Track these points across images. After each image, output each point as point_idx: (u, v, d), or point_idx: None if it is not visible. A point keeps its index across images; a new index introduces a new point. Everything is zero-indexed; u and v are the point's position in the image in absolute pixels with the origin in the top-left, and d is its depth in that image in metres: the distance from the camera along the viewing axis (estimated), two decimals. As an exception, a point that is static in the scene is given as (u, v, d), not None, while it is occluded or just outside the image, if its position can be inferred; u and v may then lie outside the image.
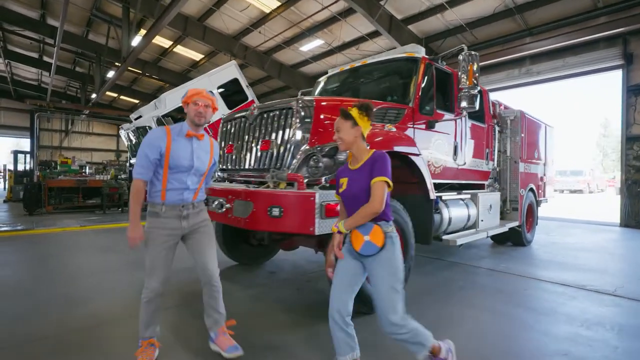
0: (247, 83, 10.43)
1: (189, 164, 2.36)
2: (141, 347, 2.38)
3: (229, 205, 3.06)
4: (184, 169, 2.35)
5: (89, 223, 8.77)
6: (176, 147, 2.33)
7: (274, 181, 3.04)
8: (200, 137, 2.46)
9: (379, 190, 1.90)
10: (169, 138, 2.33)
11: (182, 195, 2.38)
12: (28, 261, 5.22)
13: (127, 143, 10.36)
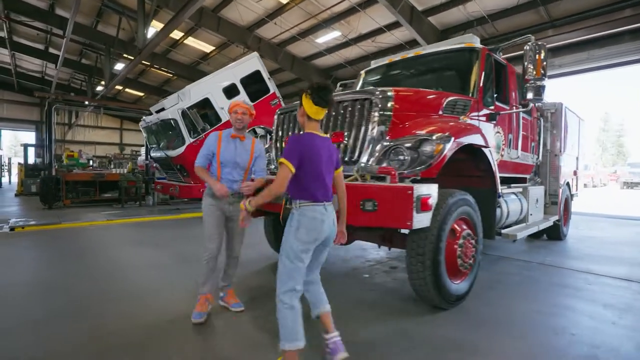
0: (268, 75, 10.27)
1: (233, 160, 3.07)
2: (199, 301, 3.04)
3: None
4: (229, 164, 3.08)
5: (113, 217, 8.65)
6: (225, 147, 3.08)
7: (360, 174, 2.95)
8: (242, 138, 3.15)
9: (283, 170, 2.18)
10: (219, 141, 3.11)
11: (232, 185, 3.06)
12: (70, 256, 5.11)
13: (146, 136, 10.19)
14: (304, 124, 2.29)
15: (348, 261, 4.99)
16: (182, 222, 8.46)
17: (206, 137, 8.52)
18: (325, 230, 2.21)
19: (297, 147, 2.17)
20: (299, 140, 2.19)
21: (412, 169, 2.94)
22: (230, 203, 3.08)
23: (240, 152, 3.09)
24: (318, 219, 2.17)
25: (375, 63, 5.84)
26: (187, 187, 8.80)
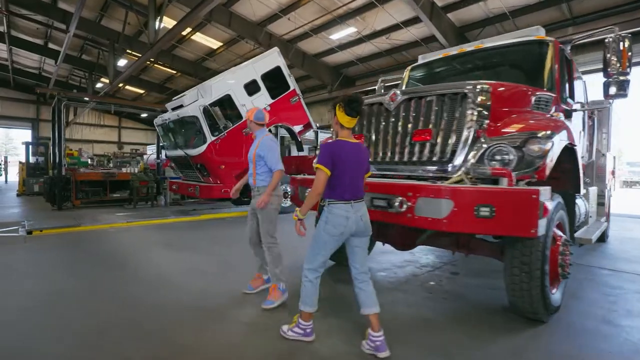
0: (289, 71, 9.93)
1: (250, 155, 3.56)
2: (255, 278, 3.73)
3: (411, 204, 2.66)
4: (250, 160, 3.56)
5: (128, 218, 8.23)
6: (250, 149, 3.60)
7: (469, 177, 2.65)
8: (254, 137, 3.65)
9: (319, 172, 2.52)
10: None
11: (250, 179, 3.57)
12: (104, 261, 4.74)
13: (162, 134, 9.77)
14: (337, 132, 2.57)
15: (403, 267, 4.71)
16: (204, 223, 8.10)
17: (228, 134, 7.84)
18: (351, 225, 2.46)
19: (330, 152, 2.45)
20: (331, 147, 2.48)
21: (520, 170, 2.65)
22: (253, 196, 3.52)
23: (252, 149, 3.54)
24: (343, 215, 2.45)
25: (422, 58, 5.57)
26: (208, 187, 8.43)
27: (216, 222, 8.26)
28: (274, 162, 3.39)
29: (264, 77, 9.28)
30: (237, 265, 4.74)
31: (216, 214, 9.29)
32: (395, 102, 3.39)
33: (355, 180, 2.49)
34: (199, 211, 9.91)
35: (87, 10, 14.12)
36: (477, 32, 12.27)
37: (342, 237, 2.49)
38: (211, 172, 8.47)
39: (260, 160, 3.42)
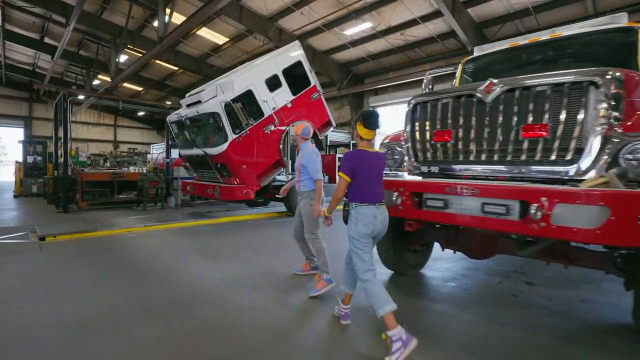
0: (310, 66, 9.46)
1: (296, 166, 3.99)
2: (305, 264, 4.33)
3: (546, 211, 2.24)
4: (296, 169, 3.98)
5: (144, 222, 7.66)
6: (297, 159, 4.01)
7: (620, 179, 2.24)
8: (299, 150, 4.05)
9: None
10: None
11: (296, 184, 4.01)
12: (141, 274, 4.23)
13: (176, 131, 9.21)
14: (358, 143, 2.84)
15: (469, 276, 4.30)
16: (226, 227, 7.59)
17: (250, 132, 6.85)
18: (378, 224, 2.70)
19: (351, 162, 2.73)
20: (352, 157, 2.75)
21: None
22: (299, 200, 4.03)
23: (298, 160, 3.97)
24: (371, 215, 2.67)
25: (479, 50, 5.15)
26: (229, 189, 7.92)
27: (238, 226, 7.75)
28: (314, 172, 3.84)
29: (285, 72, 8.81)
30: (280, 272, 4.35)
31: (235, 217, 8.78)
32: (494, 94, 2.96)
33: (374, 185, 2.74)
34: (215, 213, 9.38)
35: (89, 3, 13.40)
36: (497, 28, 11.95)
37: (372, 234, 2.70)
38: (232, 172, 7.96)
39: (303, 169, 3.87)
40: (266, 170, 8.56)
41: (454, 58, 13.84)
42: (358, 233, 2.65)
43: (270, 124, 8.41)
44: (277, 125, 8.56)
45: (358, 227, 2.65)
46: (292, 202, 8.79)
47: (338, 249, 4.47)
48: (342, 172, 2.72)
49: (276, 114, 8.51)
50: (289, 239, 6.45)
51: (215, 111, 7.54)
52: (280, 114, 8.61)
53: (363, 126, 2.75)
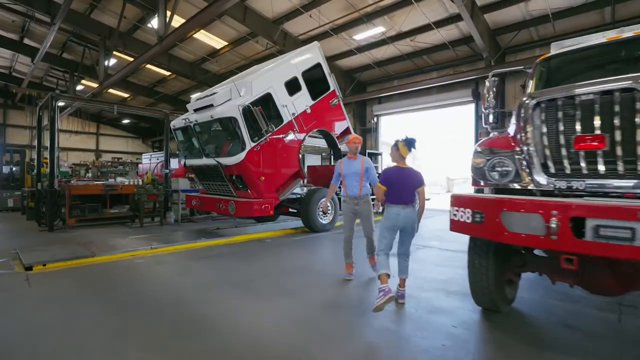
0: (329, 69, 8.71)
1: (351, 171, 4.54)
2: (346, 266, 4.72)
3: None
4: (349, 174, 4.55)
5: (148, 242, 6.59)
6: (345, 165, 4.63)
7: None
8: (354, 157, 4.63)
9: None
10: (341, 163, 4.71)
11: (355, 190, 4.54)
12: (173, 323, 3.25)
13: (181, 139, 8.19)
14: (395, 159, 3.83)
15: (579, 314, 3.52)
16: (245, 247, 6.61)
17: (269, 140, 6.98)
18: (401, 221, 3.66)
19: (386, 175, 3.81)
20: (387, 171, 3.85)
21: None
22: (356, 203, 4.54)
23: (355, 165, 4.53)
24: (395, 212, 3.68)
25: (557, 46, 4.52)
26: (246, 204, 6.96)
27: (257, 245, 6.79)
28: (374, 177, 4.55)
29: (304, 75, 8.01)
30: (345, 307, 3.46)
31: (250, 235, 7.79)
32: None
33: (401, 192, 3.68)
34: (224, 231, 8.36)
35: (77, 1, 12.28)
36: (510, 36, 11.58)
37: (393, 229, 3.70)
38: (249, 185, 7.03)
39: (367, 173, 4.52)
40: (285, 182, 7.67)
41: (462, 66, 13.45)
42: (383, 225, 3.73)
43: (290, 131, 7.55)
44: (297, 132, 7.70)
45: (384, 221, 3.73)
46: (311, 217, 7.89)
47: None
48: (380, 183, 3.78)
49: (295, 120, 7.66)
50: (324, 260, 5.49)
51: (232, 116, 6.63)
52: (299, 120, 7.78)
53: (407, 148, 3.77)
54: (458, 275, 4.72)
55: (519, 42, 11.91)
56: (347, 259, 4.69)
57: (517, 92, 12.21)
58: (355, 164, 4.52)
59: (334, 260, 5.64)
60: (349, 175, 4.51)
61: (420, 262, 5.50)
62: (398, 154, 3.76)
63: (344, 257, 4.70)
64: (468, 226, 2.84)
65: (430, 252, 6.25)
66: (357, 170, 4.47)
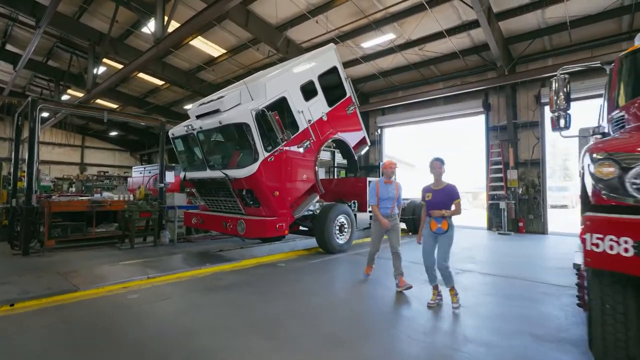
0: (345, 74, 7.95)
1: (387, 196, 4.92)
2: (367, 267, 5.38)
3: None
4: (385, 198, 4.91)
5: (142, 270, 5.53)
6: (382, 189, 4.95)
7: None
8: (390, 182, 5.01)
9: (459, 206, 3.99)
10: (377, 186, 4.97)
11: (387, 210, 4.91)
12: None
13: (181, 148, 7.21)
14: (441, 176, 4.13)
15: None
16: (259, 275, 5.61)
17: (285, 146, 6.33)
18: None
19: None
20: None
21: None
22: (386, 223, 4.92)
23: (390, 190, 4.96)
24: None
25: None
26: (260, 223, 6.00)
27: (271, 272, 5.79)
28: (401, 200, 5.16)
29: (320, 79, 7.21)
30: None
31: (259, 258, 6.78)
32: None
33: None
34: (229, 253, 7.33)
35: (65, 3, 11.33)
36: (523, 45, 11.14)
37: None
38: (262, 201, 6.08)
39: (400, 197, 5.06)
40: (300, 197, 6.75)
41: (470, 77, 12.96)
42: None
43: (306, 140, 6.68)
44: (314, 142, 6.84)
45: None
46: (327, 236, 6.96)
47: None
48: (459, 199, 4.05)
49: (312, 128, 6.81)
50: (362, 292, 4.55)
51: (244, 122, 5.73)
52: (315, 128, 6.93)
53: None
54: (531, 311, 3.86)
55: (530, 52, 11.49)
56: (370, 262, 5.34)
57: (529, 102, 11.73)
58: (391, 189, 4.97)
59: (373, 292, 4.72)
60: (386, 199, 4.94)
61: (469, 291, 4.62)
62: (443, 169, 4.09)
63: (367, 262, 5.35)
64: (627, 262, 1.98)
65: (473, 279, 5.38)
66: (393, 196, 4.95)
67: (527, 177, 11.72)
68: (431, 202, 3.99)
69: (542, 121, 11.51)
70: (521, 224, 11.51)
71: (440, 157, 4.08)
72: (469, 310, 3.91)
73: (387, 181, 4.96)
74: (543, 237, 10.65)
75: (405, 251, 5.29)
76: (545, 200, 11.46)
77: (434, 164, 4.06)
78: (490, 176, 12.22)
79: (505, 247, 8.75)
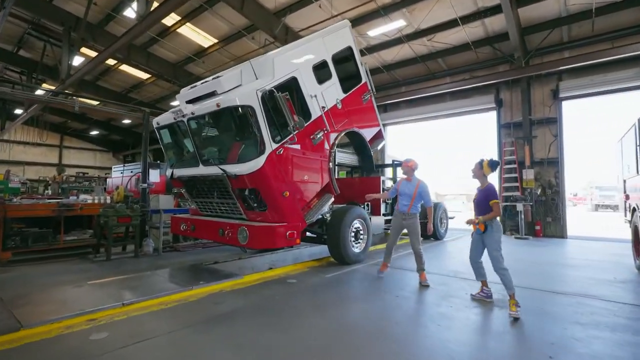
0: (360, 56, 6.86)
1: (405, 192, 5.01)
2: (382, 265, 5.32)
3: None
4: (403, 194, 5.02)
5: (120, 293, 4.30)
6: (402, 186, 5.07)
7: None
8: (409, 179, 5.09)
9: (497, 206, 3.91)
10: (399, 183, 5.16)
11: (404, 208, 4.96)
12: None
13: (167, 140, 5.96)
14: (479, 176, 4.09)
15: None
16: (268, 297, 4.41)
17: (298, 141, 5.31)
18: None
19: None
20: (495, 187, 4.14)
21: None
22: (404, 219, 4.99)
23: (409, 187, 5.01)
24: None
25: None
26: (267, 230, 4.80)
27: (282, 290, 4.61)
28: (429, 200, 5.10)
29: (334, 60, 6.10)
30: None
31: (263, 273, 5.56)
32: None
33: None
34: (225, 265, 6.10)
35: (34, -18, 9.93)
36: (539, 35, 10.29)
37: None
38: (269, 203, 4.90)
39: (419, 197, 4.97)
40: (312, 199, 5.60)
41: (479, 71, 12.07)
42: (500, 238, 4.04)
43: (320, 131, 5.55)
44: (328, 132, 5.71)
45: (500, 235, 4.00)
46: (342, 245, 5.83)
47: None
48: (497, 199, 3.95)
49: (326, 117, 5.68)
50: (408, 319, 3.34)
51: (248, 105, 4.55)
52: (330, 117, 5.81)
53: (490, 169, 4.01)
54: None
55: (546, 45, 10.65)
56: (386, 259, 5.27)
57: (545, 97, 10.89)
58: (410, 186, 5.02)
59: (416, 314, 3.61)
60: (404, 195, 5.03)
61: (568, 324, 3.55)
62: (482, 172, 4.04)
63: (384, 258, 5.30)
64: None
65: (569, 305, 4.33)
66: (410, 193, 4.97)
67: (542, 177, 10.86)
68: (476, 200, 4.10)
69: (559, 117, 10.67)
70: (538, 227, 10.62)
71: (480, 160, 4.07)
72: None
73: (409, 178, 5.09)
74: (563, 242, 9.78)
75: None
76: (564, 202, 10.61)
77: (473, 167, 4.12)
78: (504, 176, 11.32)
79: (527, 253, 7.80)
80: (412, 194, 4.91)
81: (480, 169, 4.03)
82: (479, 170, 4.04)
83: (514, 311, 3.55)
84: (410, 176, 5.07)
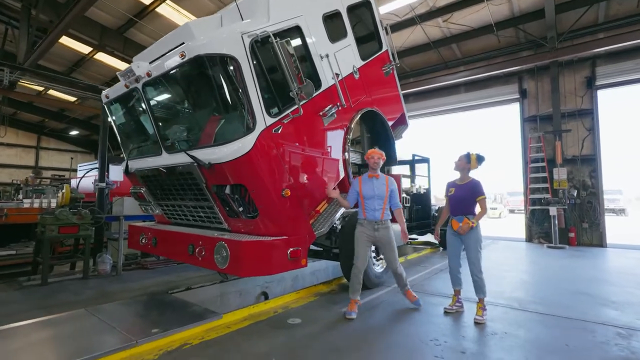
0: (380, 17, 5.28)
1: (372, 193, 3.67)
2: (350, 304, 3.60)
3: None
4: (370, 197, 3.68)
5: (45, 355, 2.61)
6: (365, 186, 3.71)
7: None
8: (376, 176, 3.77)
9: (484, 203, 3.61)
10: (360, 182, 3.75)
11: (376, 214, 3.66)
12: None
13: (121, 121, 4.28)
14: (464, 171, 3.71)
15: None
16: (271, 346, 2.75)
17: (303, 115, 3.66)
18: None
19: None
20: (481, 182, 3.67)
21: None
22: (375, 229, 3.67)
23: (378, 186, 3.71)
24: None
25: None
26: (257, 248, 3.14)
27: (281, 338, 2.95)
28: (398, 201, 3.87)
29: (350, 15, 4.51)
30: None
31: (254, 308, 3.88)
32: None
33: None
34: (198, 290, 4.41)
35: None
36: (575, 14, 8.86)
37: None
38: (263, 207, 3.24)
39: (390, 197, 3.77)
40: (322, 202, 3.95)
41: (498, 57, 10.60)
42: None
43: (332, 106, 3.92)
44: (342, 110, 4.10)
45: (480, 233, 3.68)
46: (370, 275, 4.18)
47: None
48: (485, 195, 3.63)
49: (340, 87, 4.06)
50: None
51: (227, 54, 2.91)
52: (345, 88, 4.20)
53: (477, 162, 3.66)
54: None
55: (578, 27, 9.24)
56: (354, 294, 3.67)
57: (577, 86, 9.46)
58: (378, 184, 3.73)
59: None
60: (371, 197, 3.70)
61: None
62: (469, 165, 3.67)
63: (350, 293, 3.70)
64: None
65: None
66: (381, 194, 3.71)
67: (575, 176, 9.40)
68: (454, 196, 3.66)
69: (595, 108, 9.24)
70: (572, 234, 9.12)
71: (467, 153, 3.68)
72: None
73: (372, 174, 3.78)
74: (604, 251, 8.28)
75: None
76: (602, 205, 9.14)
77: (458, 160, 3.71)
78: (530, 176, 9.84)
79: (571, 269, 6.21)
80: (384, 194, 3.67)
81: (468, 162, 3.65)
82: (465, 164, 3.66)
83: (480, 315, 3.38)
84: (376, 171, 3.77)
